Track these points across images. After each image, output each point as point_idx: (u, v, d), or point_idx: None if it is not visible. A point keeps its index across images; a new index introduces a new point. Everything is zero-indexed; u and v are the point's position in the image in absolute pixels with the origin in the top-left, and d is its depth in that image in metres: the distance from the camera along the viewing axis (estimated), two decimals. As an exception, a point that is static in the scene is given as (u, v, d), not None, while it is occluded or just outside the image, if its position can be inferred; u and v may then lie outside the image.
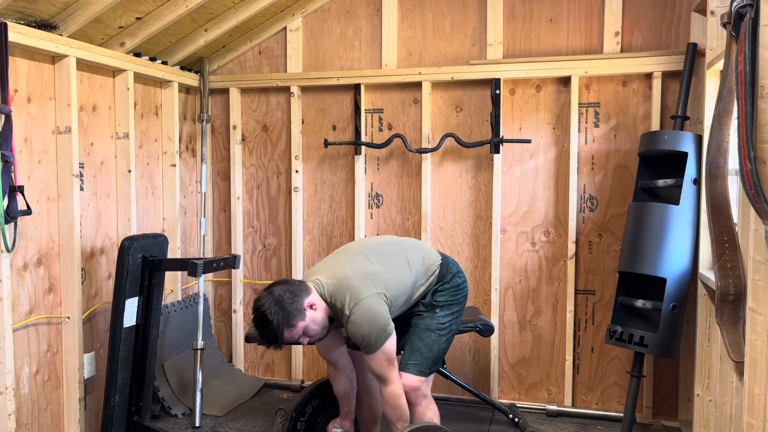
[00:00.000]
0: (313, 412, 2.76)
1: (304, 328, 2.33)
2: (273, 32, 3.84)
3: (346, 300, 2.34)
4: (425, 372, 2.50)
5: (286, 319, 2.28)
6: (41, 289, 2.81)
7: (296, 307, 2.30)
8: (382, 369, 2.37)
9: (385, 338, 2.33)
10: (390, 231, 3.74)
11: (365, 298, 2.33)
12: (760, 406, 1.81)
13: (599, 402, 3.49)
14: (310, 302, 2.34)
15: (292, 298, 2.30)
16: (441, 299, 2.57)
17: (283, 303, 2.28)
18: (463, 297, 2.64)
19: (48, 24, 2.80)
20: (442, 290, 2.58)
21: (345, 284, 2.37)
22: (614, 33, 3.35)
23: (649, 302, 2.98)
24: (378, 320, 2.32)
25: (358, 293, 2.34)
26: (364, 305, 2.32)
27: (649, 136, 3.10)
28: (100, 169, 3.19)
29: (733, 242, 2.09)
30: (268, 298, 2.31)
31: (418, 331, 2.55)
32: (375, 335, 2.31)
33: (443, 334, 2.54)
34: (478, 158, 3.59)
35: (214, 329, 4.07)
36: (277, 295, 2.30)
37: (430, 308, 2.56)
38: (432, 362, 2.52)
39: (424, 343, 2.51)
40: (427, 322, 2.55)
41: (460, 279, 2.63)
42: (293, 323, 2.30)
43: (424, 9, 3.64)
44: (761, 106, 1.75)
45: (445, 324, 2.55)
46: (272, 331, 2.29)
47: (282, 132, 3.90)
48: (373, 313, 2.32)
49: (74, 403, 2.93)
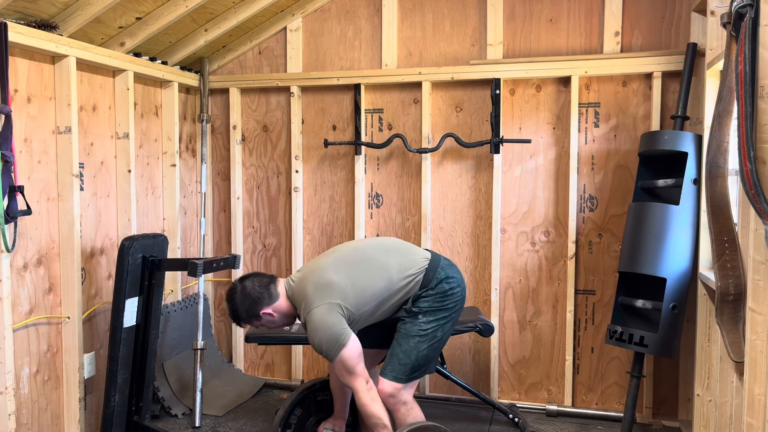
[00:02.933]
0: (299, 421, 2.76)
1: (260, 325, 2.58)
2: (273, 32, 3.84)
3: (301, 307, 2.46)
4: (401, 378, 2.45)
5: (247, 316, 2.55)
6: (41, 289, 2.81)
7: (252, 313, 2.52)
8: (343, 378, 2.40)
9: (338, 348, 2.33)
10: (390, 231, 3.75)
11: (316, 308, 2.38)
12: (760, 406, 1.81)
13: (599, 402, 3.49)
14: (267, 311, 2.51)
15: (252, 306, 2.51)
16: (423, 305, 2.50)
17: (244, 303, 2.52)
18: (453, 303, 2.53)
19: (48, 24, 2.80)
20: (425, 296, 2.51)
21: (302, 292, 2.47)
22: (614, 33, 3.35)
23: (649, 302, 2.98)
24: (327, 330, 2.34)
25: (310, 302, 2.41)
26: (315, 315, 2.38)
27: (649, 136, 3.10)
28: (100, 169, 3.19)
29: (733, 242, 2.09)
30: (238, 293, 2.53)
31: (398, 336, 2.51)
32: (326, 345, 2.34)
33: (424, 340, 2.47)
34: (478, 158, 3.59)
35: (214, 329, 4.07)
36: (239, 298, 2.53)
37: (411, 314, 2.51)
38: (410, 369, 2.46)
39: (402, 349, 2.47)
40: (408, 327, 2.49)
41: (448, 285, 2.52)
42: (251, 321, 2.56)
43: (424, 9, 3.64)
44: (761, 106, 1.75)
45: (428, 330, 2.48)
46: (236, 317, 2.57)
47: (282, 132, 3.91)
48: (323, 323, 2.35)
49: (74, 403, 2.93)
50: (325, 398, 2.78)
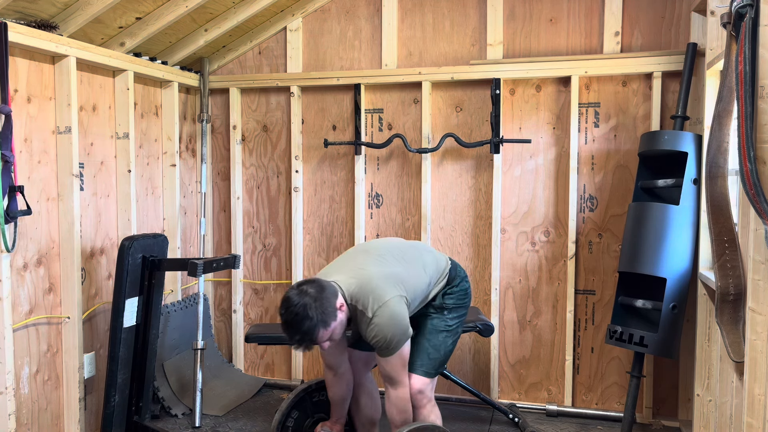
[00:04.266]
0: (296, 424, 2.76)
1: (333, 329, 2.26)
2: (273, 32, 3.84)
3: (369, 302, 2.29)
4: (431, 374, 2.48)
5: (324, 317, 2.20)
6: (41, 289, 2.81)
7: (333, 307, 2.24)
8: (397, 372, 2.36)
9: (404, 341, 2.33)
10: (390, 231, 3.74)
11: (389, 299, 2.29)
12: (760, 406, 1.81)
13: (599, 402, 3.49)
14: (340, 303, 2.29)
15: (329, 298, 2.24)
16: (450, 302, 2.57)
17: (322, 301, 2.20)
18: (469, 301, 2.66)
19: (48, 24, 2.80)
20: (451, 293, 2.58)
21: (368, 285, 2.32)
22: (614, 33, 3.34)
23: (649, 302, 2.98)
24: (401, 323, 2.31)
25: (382, 295, 2.29)
26: (389, 307, 2.28)
27: (649, 136, 3.10)
28: (100, 169, 3.19)
29: (733, 242, 2.09)
30: (303, 296, 2.20)
31: (426, 331, 2.52)
32: (397, 338, 2.30)
33: (450, 335, 2.54)
34: (478, 158, 3.59)
35: (214, 329, 4.07)
36: (314, 294, 2.21)
37: (439, 310, 2.55)
38: (438, 364, 2.51)
39: (432, 344, 2.50)
40: (436, 323, 2.53)
41: (467, 284, 2.64)
42: (329, 322, 2.22)
43: (424, 9, 3.64)
44: (761, 106, 1.75)
45: (452, 326, 2.56)
46: (310, 329, 2.19)
47: (282, 132, 3.90)
48: (397, 315, 2.30)
49: (74, 403, 2.93)
50: (321, 399, 2.77)
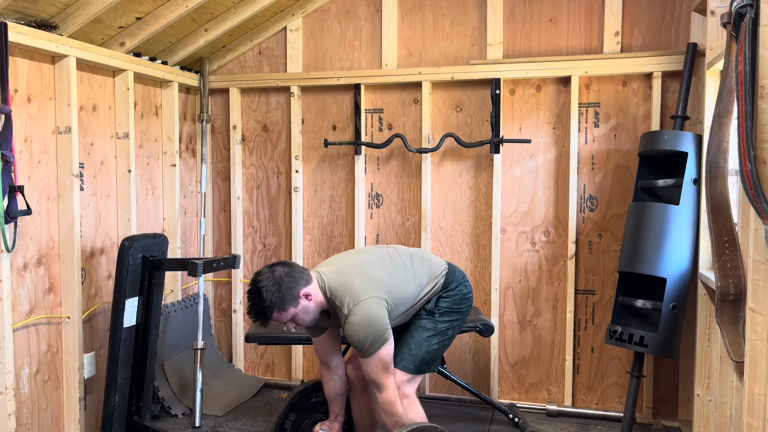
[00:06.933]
0: (294, 426, 2.76)
1: (294, 314, 2.32)
2: (273, 32, 3.84)
3: (346, 299, 2.33)
4: (409, 369, 2.47)
5: (280, 302, 2.27)
6: (41, 289, 2.81)
7: (292, 294, 2.29)
8: (377, 374, 2.35)
9: (381, 343, 2.31)
10: (390, 231, 3.75)
11: (365, 299, 2.32)
12: (760, 406, 1.81)
13: (599, 402, 3.49)
14: (306, 292, 2.33)
15: (291, 283, 2.29)
16: (443, 305, 2.56)
17: (281, 285, 2.27)
18: (467, 308, 2.62)
19: (48, 24, 2.80)
20: (445, 297, 2.57)
21: (348, 283, 2.36)
22: (614, 33, 3.34)
23: (649, 302, 2.98)
24: (375, 324, 2.30)
25: (358, 294, 2.33)
26: (363, 307, 2.31)
27: (649, 136, 3.11)
28: (100, 169, 3.19)
29: (733, 242, 2.09)
30: (268, 276, 2.29)
31: (412, 329, 2.54)
32: (371, 339, 2.29)
33: (436, 335, 2.52)
34: (478, 158, 3.59)
35: (214, 329, 4.07)
36: (278, 276, 2.29)
37: (430, 312, 2.55)
38: (419, 361, 2.49)
39: (414, 340, 2.50)
40: (424, 323, 2.54)
41: (465, 288, 2.61)
42: (285, 308, 2.29)
43: (424, 9, 3.64)
44: (761, 106, 1.75)
45: (441, 328, 2.54)
46: (262, 309, 2.28)
47: (282, 132, 3.90)
48: (372, 315, 2.30)
49: (74, 403, 2.93)
50: (319, 400, 2.77)
